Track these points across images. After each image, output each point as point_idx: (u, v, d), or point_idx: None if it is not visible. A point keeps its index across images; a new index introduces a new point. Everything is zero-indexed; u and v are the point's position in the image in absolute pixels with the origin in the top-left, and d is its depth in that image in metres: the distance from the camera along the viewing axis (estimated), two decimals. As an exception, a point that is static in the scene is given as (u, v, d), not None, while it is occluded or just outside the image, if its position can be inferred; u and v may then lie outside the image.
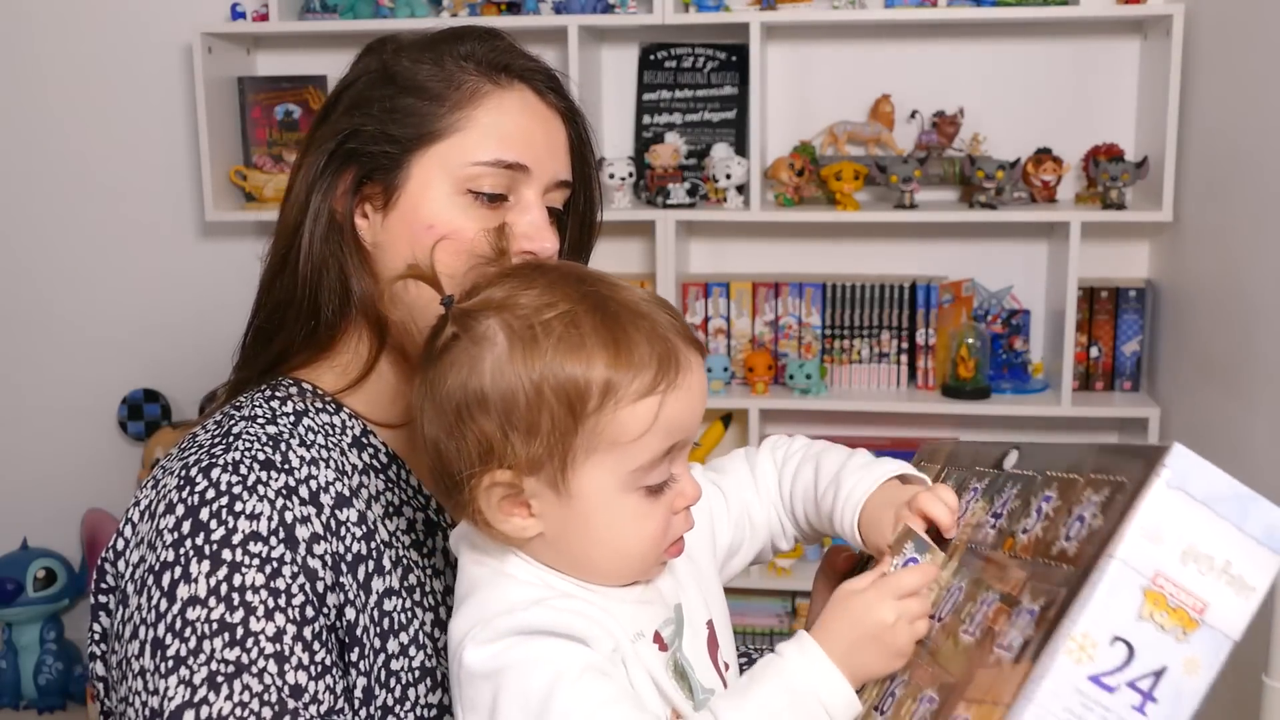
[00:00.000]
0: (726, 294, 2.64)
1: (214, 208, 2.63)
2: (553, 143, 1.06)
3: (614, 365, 0.82)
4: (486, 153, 1.01)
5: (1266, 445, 1.93)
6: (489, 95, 1.02)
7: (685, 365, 0.85)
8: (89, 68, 2.83)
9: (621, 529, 0.85)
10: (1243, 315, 2.06)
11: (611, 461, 0.83)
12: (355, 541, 0.95)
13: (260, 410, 1.00)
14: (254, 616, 0.86)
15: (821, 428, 2.76)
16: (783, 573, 2.62)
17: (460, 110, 1.01)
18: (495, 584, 0.86)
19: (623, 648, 0.84)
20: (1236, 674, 2.06)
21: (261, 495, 0.91)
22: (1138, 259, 2.64)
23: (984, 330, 2.58)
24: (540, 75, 1.07)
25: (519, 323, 0.83)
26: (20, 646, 2.89)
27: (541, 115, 1.05)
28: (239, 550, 0.88)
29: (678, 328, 0.86)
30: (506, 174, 1.01)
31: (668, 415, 0.83)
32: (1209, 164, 2.27)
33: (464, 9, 2.58)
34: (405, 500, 1.03)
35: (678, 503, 0.87)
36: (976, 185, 2.47)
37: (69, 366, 2.94)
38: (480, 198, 1.01)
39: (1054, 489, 0.80)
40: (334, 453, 0.99)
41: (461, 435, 0.84)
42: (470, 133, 1.01)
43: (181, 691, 0.85)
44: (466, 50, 1.04)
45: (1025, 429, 2.70)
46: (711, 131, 2.67)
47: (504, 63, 1.04)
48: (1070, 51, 2.58)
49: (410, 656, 0.96)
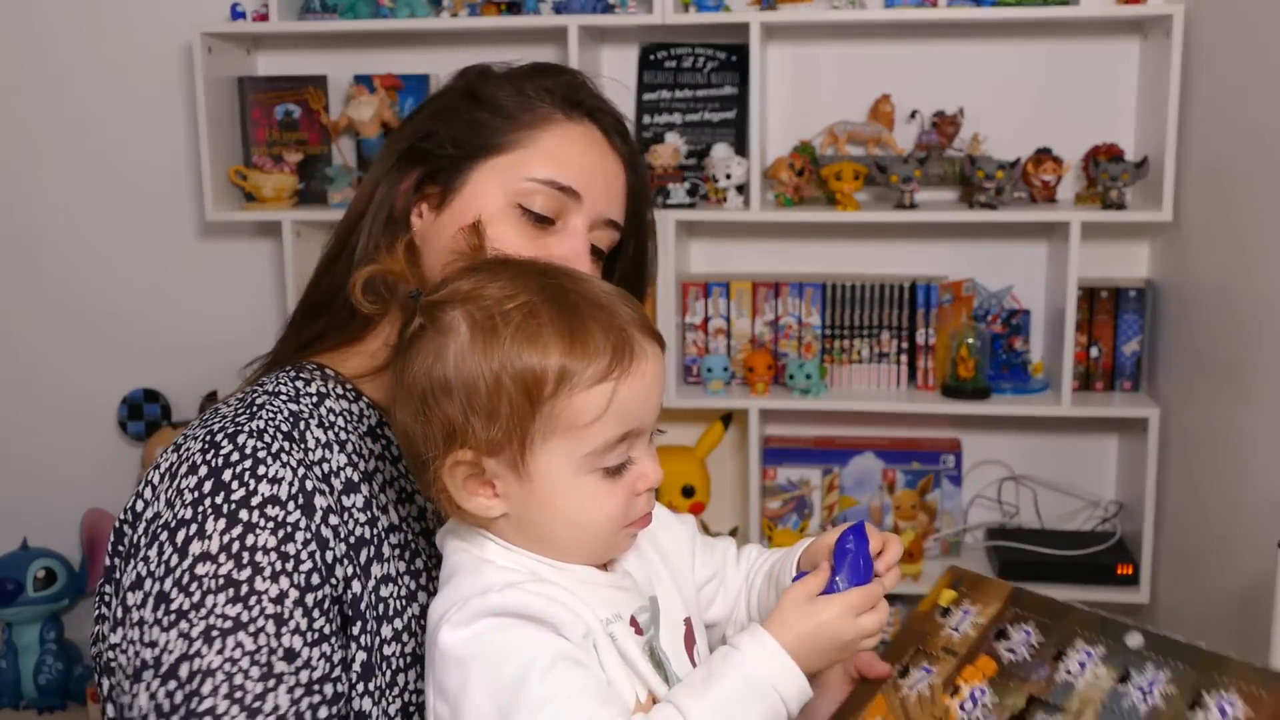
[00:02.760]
0: (726, 294, 2.64)
1: (214, 208, 2.63)
2: (609, 181, 1.10)
3: (569, 354, 0.87)
4: (543, 171, 1.05)
5: (1266, 445, 1.93)
6: (557, 123, 1.07)
7: (640, 354, 0.89)
8: (89, 68, 2.83)
9: (580, 508, 0.89)
10: (1243, 315, 2.06)
11: (568, 445, 0.88)
12: (359, 526, 0.98)
13: (285, 388, 1.03)
14: (260, 576, 0.89)
15: (821, 428, 2.76)
16: (783, 573, 2.62)
17: (527, 130, 1.06)
18: (473, 569, 0.90)
19: (594, 632, 0.87)
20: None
21: (285, 462, 0.94)
22: (1138, 259, 2.64)
23: (984, 330, 2.58)
24: (610, 118, 1.12)
25: (481, 313, 0.88)
26: (20, 646, 2.89)
27: (603, 152, 1.10)
28: (255, 512, 0.91)
29: (636, 320, 0.91)
30: (558, 196, 1.05)
31: (621, 401, 0.88)
32: (1209, 164, 2.27)
33: (464, 9, 2.58)
34: (415, 489, 1.07)
35: (639, 485, 0.91)
36: (976, 185, 2.47)
37: (69, 366, 2.94)
38: (528, 215, 1.04)
39: (1234, 694, 0.85)
40: (352, 436, 1.03)
41: (427, 419, 0.89)
42: (533, 151, 1.06)
43: (180, 644, 0.88)
44: (548, 84, 1.09)
45: (1025, 429, 2.71)
46: (711, 131, 2.67)
47: (578, 99, 1.10)
48: (1070, 51, 2.58)
49: (403, 643, 0.98)
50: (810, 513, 2.70)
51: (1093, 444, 2.72)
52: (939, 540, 2.67)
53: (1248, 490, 2.01)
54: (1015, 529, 2.72)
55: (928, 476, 2.68)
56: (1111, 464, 2.73)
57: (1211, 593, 2.18)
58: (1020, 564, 2.56)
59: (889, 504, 2.69)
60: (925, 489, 2.68)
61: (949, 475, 2.68)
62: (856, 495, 2.70)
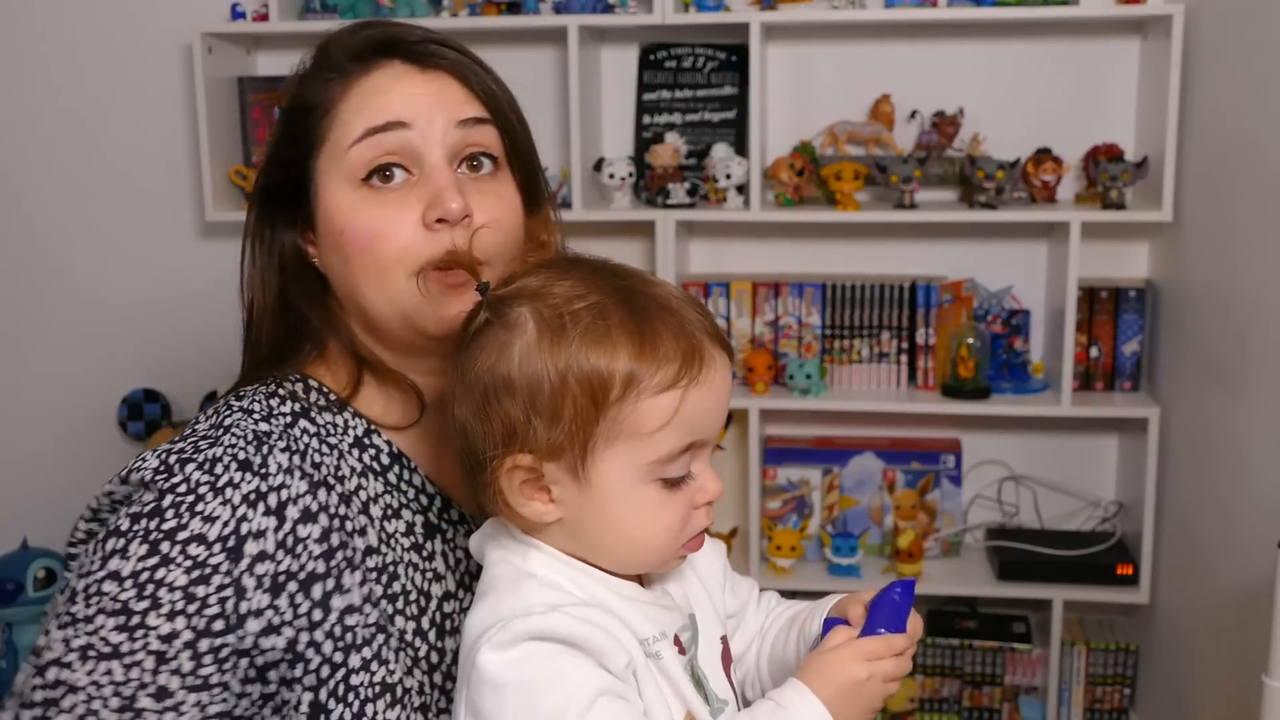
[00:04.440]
0: (726, 294, 2.64)
1: (214, 208, 2.63)
2: (438, 94, 0.99)
3: (637, 358, 0.84)
4: (356, 127, 0.97)
5: (1266, 445, 1.93)
6: (356, 80, 0.99)
7: (709, 362, 0.86)
8: (89, 68, 2.83)
9: (638, 518, 0.86)
10: (1243, 315, 2.06)
11: (630, 452, 0.85)
12: (312, 560, 0.93)
13: (258, 405, 0.99)
14: (156, 611, 0.88)
15: (821, 428, 2.76)
16: (782, 572, 2.62)
17: (334, 106, 0.99)
18: (515, 583, 0.87)
19: (635, 660, 0.85)
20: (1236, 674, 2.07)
21: (226, 499, 0.91)
22: (1138, 259, 2.64)
23: (984, 330, 2.58)
24: (411, 45, 1.00)
25: (549, 311, 0.85)
26: (20, 646, 2.89)
27: (417, 78, 0.99)
28: (177, 547, 0.89)
29: (706, 326, 0.88)
30: (384, 139, 0.96)
31: (688, 410, 0.85)
32: (1209, 164, 2.27)
33: (464, 9, 2.58)
34: (404, 503, 1.02)
35: (698, 497, 0.88)
36: (976, 185, 2.47)
37: (69, 366, 2.94)
38: (370, 181, 0.97)
39: None
40: (329, 457, 0.99)
41: (487, 417, 0.86)
42: (343, 119, 0.98)
43: (60, 648, 0.89)
44: (338, 54, 1.01)
45: (1025, 429, 2.71)
46: (711, 131, 2.67)
47: (369, 46, 1.00)
48: (1070, 51, 2.58)
49: (372, 671, 0.95)
50: (810, 513, 2.70)
51: (1093, 444, 2.72)
52: (939, 540, 2.67)
53: (1247, 490, 2.01)
54: (1015, 529, 2.72)
55: (928, 476, 2.68)
56: (1111, 464, 2.73)
57: (1211, 593, 2.18)
58: (1020, 564, 2.57)
59: (889, 504, 2.69)
60: (925, 489, 2.68)
61: (949, 475, 2.68)
62: (856, 495, 2.70)
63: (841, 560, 2.59)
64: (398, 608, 0.98)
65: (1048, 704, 2.63)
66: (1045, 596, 2.58)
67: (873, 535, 2.70)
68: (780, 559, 2.61)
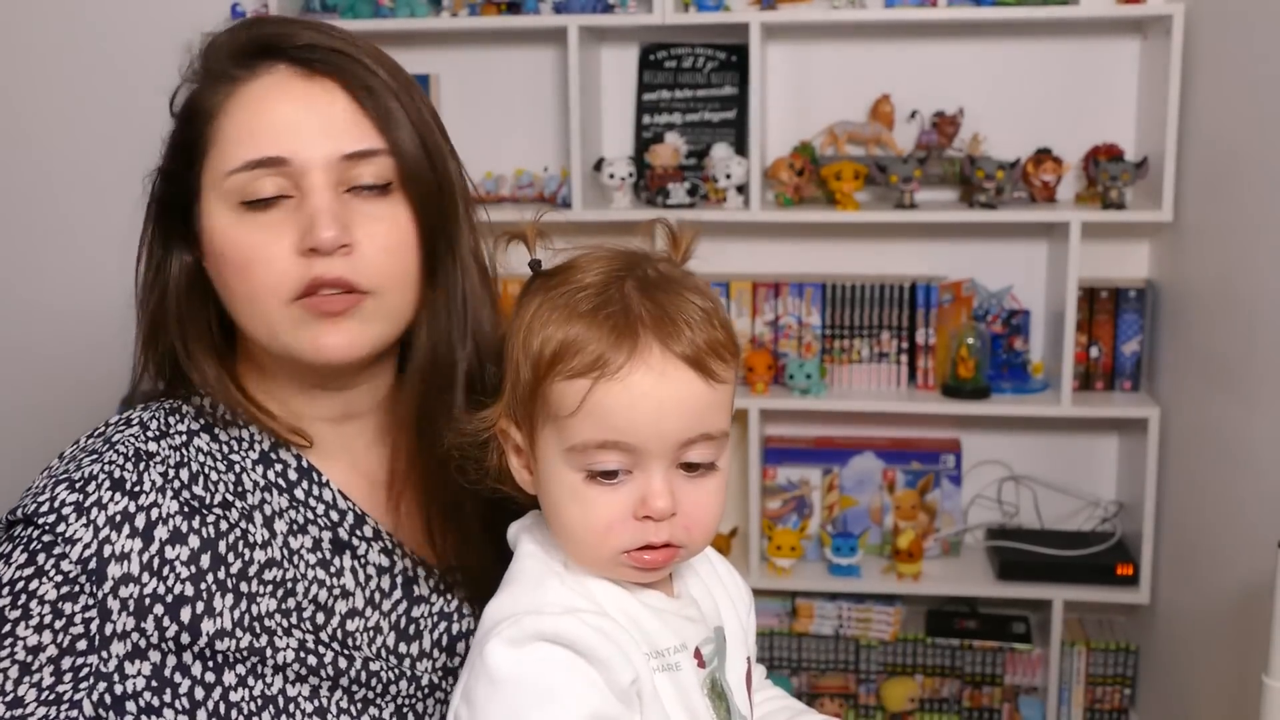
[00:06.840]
0: (726, 294, 2.64)
1: (214, 208, 2.63)
2: (324, 113, 0.93)
3: (566, 339, 0.84)
4: (237, 155, 0.92)
5: (1266, 445, 1.93)
6: (237, 93, 0.94)
7: (636, 364, 0.83)
8: (88, 67, 2.82)
9: (566, 507, 0.86)
10: (1243, 315, 2.06)
11: (554, 433, 0.86)
12: (180, 583, 0.91)
13: (156, 423, 0.97)
14: (26, 622, 0.88)
15: (821, 428, 2.76)
16: (783, 573, 2.62)
17: (213, 120, 0.94)
18: (537, 581, 0.88)
19: (641, 680, 0.84)
20: (1236, 674, 2.06)
21: (89, 521, 0.90)
22: (1138, 259, 2.64)
23: (984, 330, 2.58)
24: (297, 49, 0.94)
25: (555, 287, 0.87)
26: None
27: (301, 93, 0.93)
28: (51, 561, 0.89)
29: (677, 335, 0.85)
30: (265, 174, 0.92)
31: (599, 404, 0.83)
32: (1209, 164, 2.27)
33: (464, 9, 2.58)
34: (311, 519, 0.99)
35: (639, 509, 0.85)
36: (976, 185, 2.47)
37: (68, 366, 2.94)
38: (253, 209, 0.92)
39: None
40: (226, 474, 0.97)
41: (498, 370, 0.91)
42: (224, 136, 0.94)
43: None
44: (219, 55, 0.96)
45: (1025, 429, 2.70)
46: (711, 131, 2.67)
47: (255, 48, 0.95)
48: (1070, 51, 2.58)
49: (250, 687, 0.93)
50: (810, 513, 2.70)
51: (1093, 444, 2.72)
52: (939, 540, 2.67)
53: (1248, 490, 2.01)
54: (1015, 529, 2.72)
55: (928, 476, 2.68)
56: (1111, 464, 2.73)
57: (1211, 593, 2.18)
58: (1020, 564, 2.57)
59: (889, 504, 2.69)
60: (925, 489, 2.68)
61: (949, 475, 2.68)
62: (856, 495, 2.70)
63: (841, 560, 2.59)
64: (292, 622, 0.96)
65: (1048, 704, 2.63)
66: (1045, 596, 2.58)
67: (873, 535, 2.70)
68: (780, 559, 2.61)
